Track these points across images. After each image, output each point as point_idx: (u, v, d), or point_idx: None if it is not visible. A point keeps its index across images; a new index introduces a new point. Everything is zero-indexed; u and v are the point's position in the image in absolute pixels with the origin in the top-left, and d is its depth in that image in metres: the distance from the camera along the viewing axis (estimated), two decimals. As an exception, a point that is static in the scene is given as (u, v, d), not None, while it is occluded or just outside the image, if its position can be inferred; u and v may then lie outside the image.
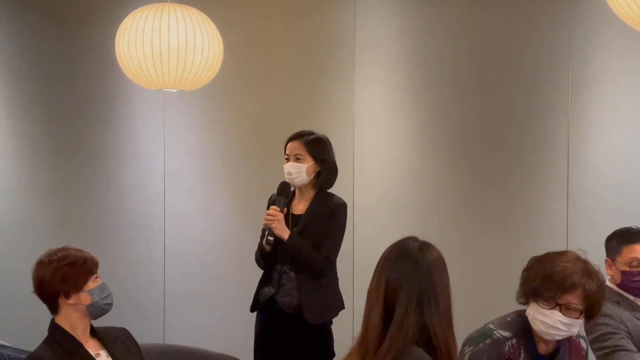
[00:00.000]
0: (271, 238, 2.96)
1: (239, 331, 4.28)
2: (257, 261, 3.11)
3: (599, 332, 2.43)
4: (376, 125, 4.02)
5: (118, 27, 3.27)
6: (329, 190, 3.11)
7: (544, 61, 3.69)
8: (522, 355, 2.15)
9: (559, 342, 2.17)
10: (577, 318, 2.09)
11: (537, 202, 3.70)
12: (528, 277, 2.14)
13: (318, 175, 3.04)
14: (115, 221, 4.59)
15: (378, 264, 1.82)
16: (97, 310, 2.34)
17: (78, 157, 4.68)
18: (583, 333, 2.28)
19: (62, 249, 2.37)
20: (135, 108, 4.55)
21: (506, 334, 2.16)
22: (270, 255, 3.02)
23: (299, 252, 2.96)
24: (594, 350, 2.46)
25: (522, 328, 2.15)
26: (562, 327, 2.09)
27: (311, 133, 3.07)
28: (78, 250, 2.38)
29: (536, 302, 2.11)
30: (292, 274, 3.00)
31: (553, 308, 2.08)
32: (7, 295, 4.84)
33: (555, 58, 3.66)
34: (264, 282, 3.08)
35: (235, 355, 3.08)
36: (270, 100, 4.25)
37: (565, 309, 2.08)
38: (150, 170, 4.51)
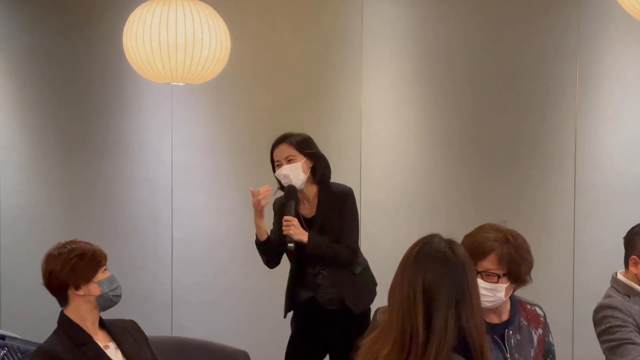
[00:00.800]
0: (292, 245, 2.98)
1: (246, 324, 4.30)
2: (261, 257, 3.13)
3: (607, 325, 2.43)
4: (383, 119, 4.02)
5: (126, 21, 3.28)
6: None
7: (552, 55, 3.68)
8: None
9: (512, 311, 2.30)
10: (498, 282, 2.20)
11: (544, 196, 3.69)
12: None
13: (313, 170, 3.05)
14: (123, 214, 4.61)
15: (406, 265, 1.74)
16: (106, 301, 2.36)
17: (86, 151, 4.70)
18: (533, 300, 2.37)
19: (71, 242, 2.39)
20: (143, 102, 4.56)
21: None
22: (266, 247, 3.06)
23: (321, 250, 2.99)
24: (601, 343, 2.46)
25: None
26: (487, 293, 2.20)
27: (292, 134, 3.09)
28: (87, 243, 2.40)
29: None
30: (326, 273, 3.03)
31: (476, 277, 2.13)
32: (16, 287, 4.87)
33: (564, 52, 3.65)
34: (296, 286, 3.09)
35: (242, 348, 3.10)
36: (277, 94, 4.25)
37: (485, 275, 2.20)
38: (157, 163, 4.52)
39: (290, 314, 3.17)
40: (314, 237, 2.98)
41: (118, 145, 4.61)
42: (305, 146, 3.04)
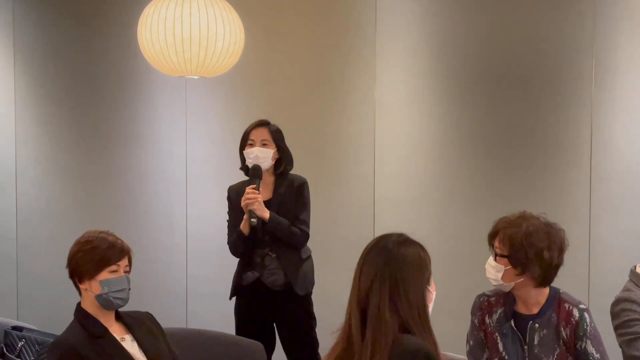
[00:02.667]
0: (254, 220, 3.09)
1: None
2: (235, 250, 3.24)
3: (625, 318, 2.42)
4: (397, 113, 4.01)
5: (140, 15, 3.29)
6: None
7: (568, 47, 3.65)
8: (499, 311, 2.37)
9: (545, 305, 2.32)
10: (497, 262, 2.28)
11: (560, 189, 3.67)
12: None
13: (277, 161, 3.21)
14: (138, 207, 4.63)
15: (358, 262, 1.86)
16: (106, 302, 2.32)
17: (101, 144, 4.72)
18: (583, 305, 2.35)
19: (102, 232, 2.37)
20: (157, 95, 4.58)
21: (489, 292, 2.44)
22: (249, 239, 3.16)
23: (280, 228, 3.13)
24: (618, 336, 2.45)
25: (508, 292, 2.36)
26: (490, 270, 2.31)
27: (269, 122, 3.24)
28: (112, 236, 2.36)
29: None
30: (274, 255, 3.17)
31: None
32: (33, 280, 4.92)
33: (579, 44, 3.62)
34: (244, 268, 3.23)
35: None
36: (291, 87, 4.25)
37: (494, 253, 2.32)
38: (172, 156, 4.54)
39: (233, 300, 3.30)
40: (275, 216, 3.13)
41: (133, 138, 4.64)
42: (279, 138, 3.22)
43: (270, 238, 3.16)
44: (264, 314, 3.23)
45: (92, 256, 2.30)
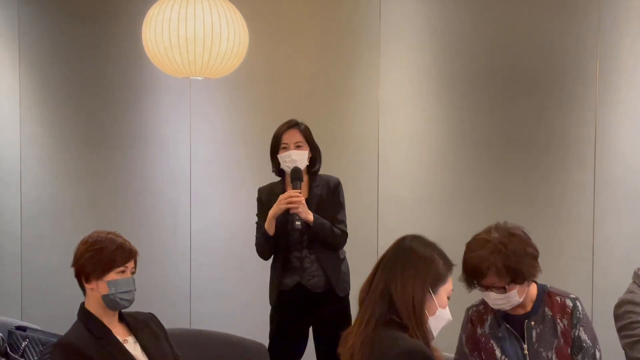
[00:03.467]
0: (299, 223, 3.04)
1: (263, 317, 4.32)
2: (259, 249, 3.18)
3: (628, 321, 2.41)
4: (401, 113, 4.01)
5: (145, 16, 3.29)
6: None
7: (572, 49, 3.64)
8: (489, 318, 2.37)
9: (535, 303, 2.34)
10: (506, 292, 2.25)
11: (564, 191, 3.67)
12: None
13: (310, 161, 3.16)
14: (142, 207, 4.64)
15: None
16: (112, 302, 2.33)
17: (106, 145, 4.74)
18: (573, 295, 2.38)
19: (110, 232, 2.38)
20: (162, 96, 4.59)
21: (476, 302, 2.43)
22: (273, 239, 3.10)
23: (324, 229, 3.09)
24: (622, 339, 2.45)
25: None
26: (501, 302, 2.27)
27: (298, 121, 3.17)
28: (120, 237, 2.37)
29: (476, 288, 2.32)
30: (313, 257, 3.11)
31: (486, 290, 2.28)
32: (37, 278, 4.93)
33: (584, 46, 3.62)
34: (283, 274, 3.15)
35: (260, 341, 3.11)
36: (295, 88, 4.25)
37: (493, 288, 2.26)
38: (176, 157, 4.55)
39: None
40: (318, 218, 3.08)
41: (137, 139, 4.65)
42: (310, 137, 3.17)
43: (308, 240, 3.11)
44: (303, 318, 3.18)
45: (101, 257, 2.31)
